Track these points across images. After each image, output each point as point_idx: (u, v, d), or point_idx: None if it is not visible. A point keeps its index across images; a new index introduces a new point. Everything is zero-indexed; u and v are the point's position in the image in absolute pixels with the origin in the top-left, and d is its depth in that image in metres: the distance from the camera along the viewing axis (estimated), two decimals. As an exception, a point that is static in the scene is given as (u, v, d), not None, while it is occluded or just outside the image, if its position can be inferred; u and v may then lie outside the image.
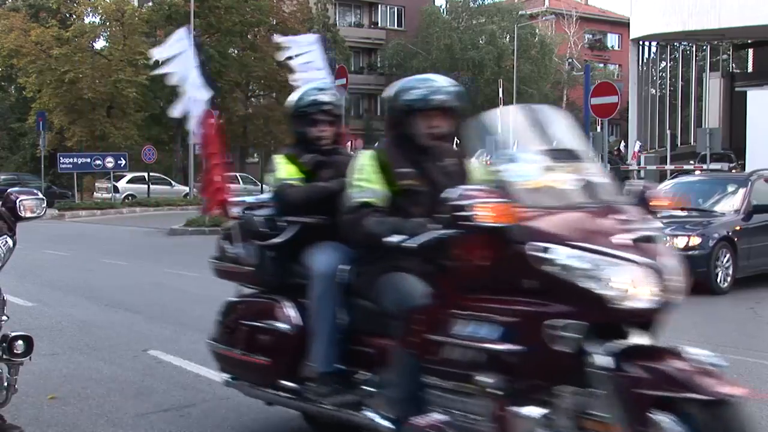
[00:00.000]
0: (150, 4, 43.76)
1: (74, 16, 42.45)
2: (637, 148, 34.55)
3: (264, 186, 44.86)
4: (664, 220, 11.19)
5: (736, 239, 10.82)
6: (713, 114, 36.90)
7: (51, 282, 11.80)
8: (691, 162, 25.79)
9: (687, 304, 3.47)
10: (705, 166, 22.41)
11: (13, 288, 10.78)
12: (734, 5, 30.74)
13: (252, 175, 45.88)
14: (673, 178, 13.96)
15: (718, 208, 11.55)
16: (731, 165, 27.35)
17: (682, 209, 11.40)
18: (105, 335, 7.80)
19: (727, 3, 30.97)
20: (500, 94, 41.44)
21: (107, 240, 18.54)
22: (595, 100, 16.30)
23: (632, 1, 37.11)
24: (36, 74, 37.78)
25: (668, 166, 29.10)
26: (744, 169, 21.34)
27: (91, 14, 41.40)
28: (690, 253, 10.20)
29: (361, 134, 56.19)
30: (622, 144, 40.80)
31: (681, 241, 10.41)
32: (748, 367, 6.68)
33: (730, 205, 11.51)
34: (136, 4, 43.58)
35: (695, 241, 10.46)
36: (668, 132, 34.67)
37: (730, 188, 11.85)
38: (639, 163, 32.86)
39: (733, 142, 32.52)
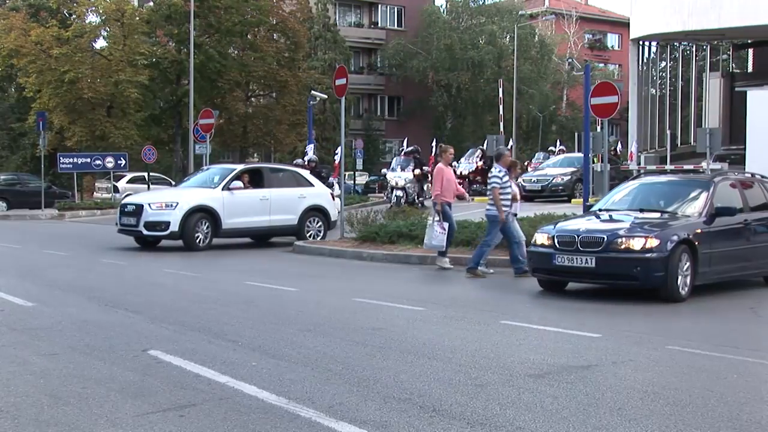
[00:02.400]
0: (150, 4, 43.75)
1: (74, 16, 42.44)
2: (634, 149, 34.58)
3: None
4: (623, 222, 10.41)
5: (696, 243, 10.05)
6: (713, 114, 36.81)
7: (51, 282, 11.80)
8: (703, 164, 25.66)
9: (686, 306, 3.47)
10: (705, 165, 22.40)
11: (13, 288, 10.79)
12: (734, 5, 30.71)
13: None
14: (634, 179, 12.69)
15: (680, 211, 10.82)
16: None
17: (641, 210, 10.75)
18: (105, 335, 7.80)
19: (727, 3, 30.94)
20: (500, 94, 41.40)
21: (107, 240, 18.53)
22: (595, 100, 16.25)
23: (632, 1, 37.08)
24: (36, 74, 37.76)
25: (668, 166, 29.11)
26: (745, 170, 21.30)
27: (91, 14, 41.39)
28: (647, 255, 9.63)
29: (362, 134, 56.29)
30: (619, 144, 40.85)
31: (638, 243, 9.76)
32: (748, 367, 6.68)
33: (692, 207, 10.79)
34: (136, 4, 43.57)
35: (653, 243, 9.71)
36: (668, 132, 34.66)
37: (694, 191, 11.18)
38: (639, 164, 32.88)
39: (733, 142, 32.50)
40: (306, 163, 23.50)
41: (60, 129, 39.43)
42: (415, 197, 26.76)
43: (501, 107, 41.42)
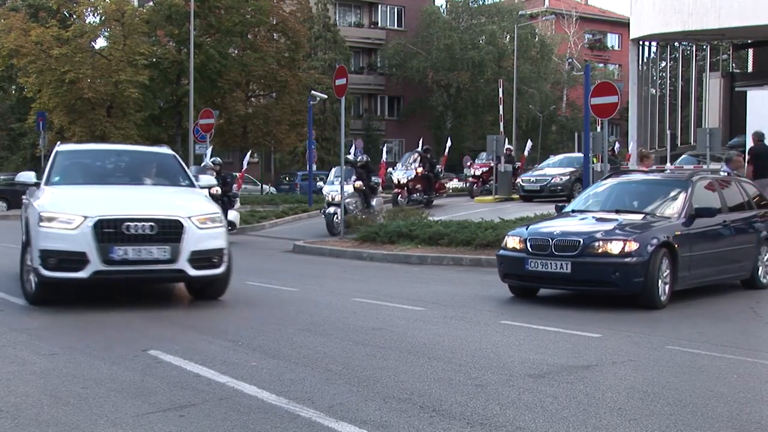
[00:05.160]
0: (150, 4, 43.76)
1: (74, 16, 42.44)
2: (633, 149, 34.59)
3: (264, 185, 44.89)
4: (599, 224, 9.96)
5: (676, 246, 9.57)
6: (713, 114, 36.85)
7: (51, 282, 11.77)
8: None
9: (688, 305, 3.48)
10: (705, 166, 22.41)
11: (13, 288, 10.79)
12: (734, 5, 30.73)
13: (252, 175, 45.90)
14: (607, 178, 12.14)
15: (658, 212, 10.35)
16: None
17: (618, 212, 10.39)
18: (105, 335, 7.80)
19: (727, 3, 30.95)
20: (500, 94, 41.37)
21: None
22: (595, 100, 16.28)
23: (632, 1, 37.10)
24: (36, 74, 37.76)
25: (667, 166, 29.10)
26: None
27: (91, 14, 41.39)
28: (626, 260, 9.18)
29: (362, 134, 56.31)
30: (617, 144, 40.83)
31: (616, 246, 9.27)
32: (748, 367, 6.68)
33: (671, 208, 10.33)
34: (136, 4, 43.56)
35: (632, 246, 9.22)
36: (668, 132, 34.66)
37: (671, 191, 10.73)
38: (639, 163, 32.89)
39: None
40: (214, 165, 20.85)
41: (60, 129, 39.43)
42: (357, 214, 20.69)
43: (501, 107, 41.38)
